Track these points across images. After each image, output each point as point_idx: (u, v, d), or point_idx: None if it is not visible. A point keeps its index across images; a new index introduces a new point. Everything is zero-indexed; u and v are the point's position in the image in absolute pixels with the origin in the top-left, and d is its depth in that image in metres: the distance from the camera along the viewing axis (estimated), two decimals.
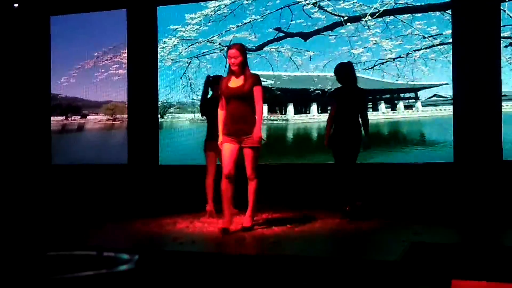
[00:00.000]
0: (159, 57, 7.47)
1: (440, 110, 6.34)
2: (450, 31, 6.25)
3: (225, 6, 7.17)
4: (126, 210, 6.41)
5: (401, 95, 6.58)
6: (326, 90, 6.76)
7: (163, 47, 7.47)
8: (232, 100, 4.69)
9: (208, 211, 5.63)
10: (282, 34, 6.97)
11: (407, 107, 6.56)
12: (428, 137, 6.38)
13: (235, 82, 4.71)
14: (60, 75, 8.07)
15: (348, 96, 5.35)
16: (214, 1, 7.21)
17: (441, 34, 6.31)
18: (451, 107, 6.22)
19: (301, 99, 6.96)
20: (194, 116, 7.26)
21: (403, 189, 6.01)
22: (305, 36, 6.88)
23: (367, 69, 6.54)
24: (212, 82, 5.63)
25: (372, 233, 4.69)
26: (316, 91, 6.83)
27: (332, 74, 5.56)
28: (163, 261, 3.79)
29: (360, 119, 5.38)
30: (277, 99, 7.04)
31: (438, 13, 6.35)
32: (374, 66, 6.45)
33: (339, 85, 5.48)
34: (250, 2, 7.05)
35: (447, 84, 6.27)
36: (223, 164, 4.72)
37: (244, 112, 4.67)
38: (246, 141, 4.64)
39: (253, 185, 4.74)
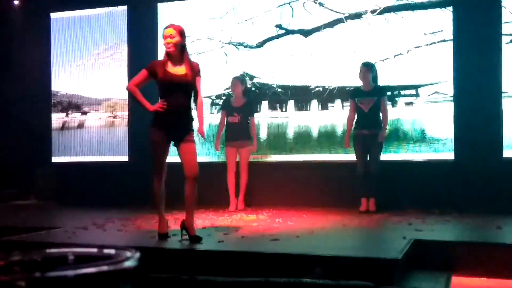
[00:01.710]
0: (159, 54, 7.46)
1: (441, 107, 6.33)
2: (451, 28, 6.24)
3: (226, 2, 7.16)
4: (127, 207, 6.42)
5: (402, 92, 6.57)
6: (326, 87, 6.76)
7: (163, 44, 7.45)
8: (171, 89, 4.03)
9: (231, 206, 6.08)
10: (283, 31, 6.96)
11: (407, 104, 6.54)
12: (428, 134, 6.36)
13: (175, 69, 4.08)
14: (60, 72, 8.06)
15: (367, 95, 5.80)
16: None
17: (442, 31, 6.30)
18: (451, 104, 6.20)
19: (302, 96, 6.95)
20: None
21: (404, 186, 6.01)
22: (306, 33, 6.87)
23: None
24: None
25: (372, 231, 4.70)
26: (317, 88, 6.83)
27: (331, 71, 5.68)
28: (163, 258, 3.80)
29: (380, 116, 5.82)
30: (278, 96, 7.03)
31: (439, 9, 6.34)
32: (375, 63, 6.42)
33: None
34: None
35: (447, 81, 6.26)
36: (157, 164, 4.13)
37: (186, 104, 4.09)
38: (187, 136, 4.07)
39: (195, 185, 4.10)
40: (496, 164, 5.88)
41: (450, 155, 6.13)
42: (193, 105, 4.19)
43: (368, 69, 5.85)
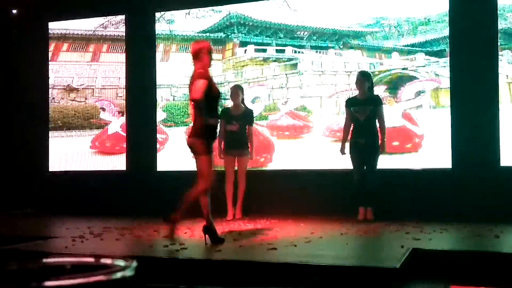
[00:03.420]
0: (157, 62, 7.47)
1: (437, 115, 6.33)
2: (447, 35, 6.28)
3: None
4: (124, 216, 6.40)
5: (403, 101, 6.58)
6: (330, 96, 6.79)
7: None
8: (217, 103, 4.50)
9: (229, 215, 6.08)
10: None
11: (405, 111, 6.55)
12: (425, 143, 6.35)
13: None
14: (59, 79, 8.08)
15: (364, 104, 5.83)
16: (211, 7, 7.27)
17: (439, 40, 6.34)
18: (449, 112, 6.21)
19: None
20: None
21: (401, 195, 6.01)
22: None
23: None
24: None
25: (370, 240, 4.69)
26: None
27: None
28: (161, 267, 3.79)
29: (378, 125, 5.84)
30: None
31: (435, 18, 6.38)
32: (372, 73, 6.46)
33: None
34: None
35: (444, 88, 6.28)
36: (208, 177, 4.40)
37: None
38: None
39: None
40: (493, 173, 5.88)
41: (447, 164, 6.13)
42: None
43: (364, 78, 5.88)
